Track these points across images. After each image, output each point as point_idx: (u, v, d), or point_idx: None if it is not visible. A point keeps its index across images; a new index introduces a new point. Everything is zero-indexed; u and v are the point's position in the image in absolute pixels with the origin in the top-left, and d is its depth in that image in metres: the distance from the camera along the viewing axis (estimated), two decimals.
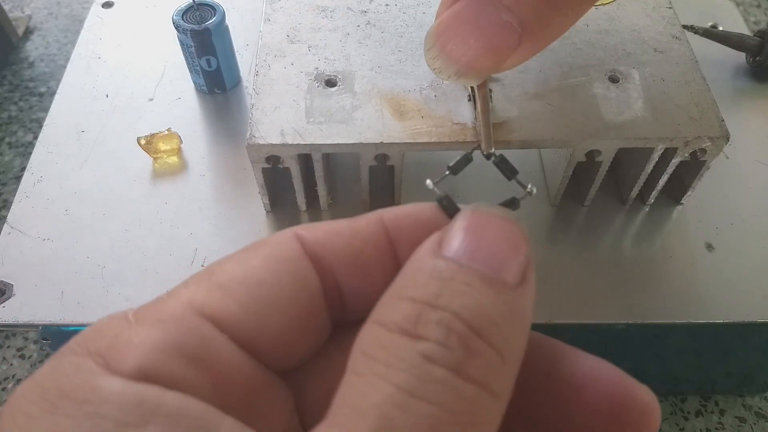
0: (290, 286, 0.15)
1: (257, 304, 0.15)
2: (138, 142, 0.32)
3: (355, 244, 0.16)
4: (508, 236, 0.14)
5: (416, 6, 0.30)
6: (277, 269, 0.15)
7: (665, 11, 0.30)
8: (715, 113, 0.26)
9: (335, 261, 0.16)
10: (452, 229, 0.14)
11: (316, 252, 0.16)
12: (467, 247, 0.14)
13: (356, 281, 0.16)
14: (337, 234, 0.16)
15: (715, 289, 0.28)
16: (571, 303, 0.27)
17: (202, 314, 0.14)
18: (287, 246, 0.16)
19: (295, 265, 0.15)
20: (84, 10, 0.55)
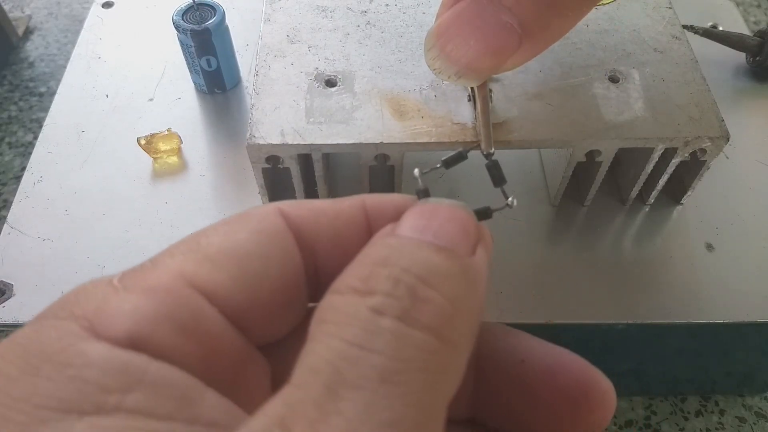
0: (276, 260, 0.15)
1: (246, 277, 0.15)
2: (138, 142, 0.32)
3: (337, 225, 0.16)
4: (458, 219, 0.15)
5: (416, 6, 0.30)
6: (264, 243, 0.15)
7: (665, 11, 0.30)
8: (715, 113, 0.26)
9: (317, 239, 0.16)
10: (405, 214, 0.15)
11: (299, 229, 0.16)
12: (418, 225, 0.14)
13: (334, 261, 0.16)
14: (321, 213, 0.16)
15: (715, 289, 0.28)
16: (571, 303, 0.27)
17: (193, 286, 0.14)
18: (272, 220, 0.16)
19: (280, 239, 0.16)
20: (84, 10, 0.55)
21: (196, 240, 0.15)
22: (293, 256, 0.16)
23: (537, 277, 0.28)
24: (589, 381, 0.16)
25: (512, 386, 0.16)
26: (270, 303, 0.15)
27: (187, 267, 0.14)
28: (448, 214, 0.15)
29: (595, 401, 0.16)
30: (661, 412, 0.35)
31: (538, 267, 0.29)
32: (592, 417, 0.16)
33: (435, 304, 0.12)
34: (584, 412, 0.16)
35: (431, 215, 0.14)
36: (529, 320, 0.27)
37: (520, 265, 0.28)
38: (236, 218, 0.16)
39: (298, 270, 0.16)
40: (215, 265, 0.15)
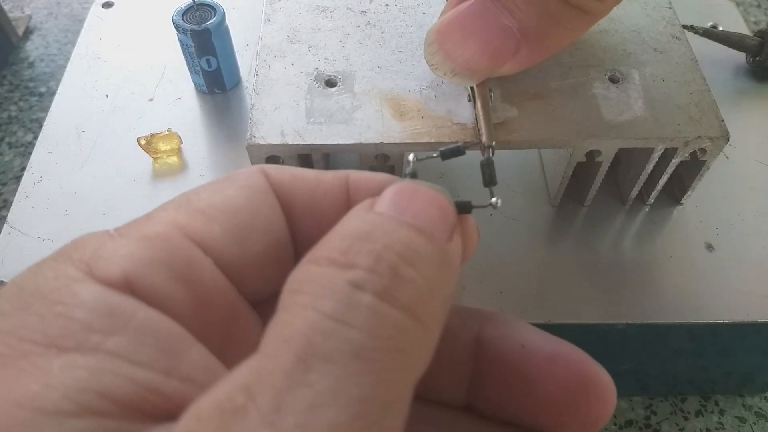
0: (263, 215, 0.16)
1: (236, 230, 0.15)
2: (138, 142, 0.32)
3: (316, 194, 0.16)
4: (437, 203, 0.14)
5: (416, 6, 0.30)
6: (250, 198, 0.16)
7: (665, 11, 0.30)
8: (715, 113, 0.26)
9: (294, 204, 0.16)
10: (385, 192, 0.15)
11: (279, 191, 0.16)
12: (398, 205, 0.14)
13: (310, 229, 0.16)
14: (301, 179, 0.17)
15: (715, 289, 0.28)
16: (571, 303, 0.27)
17: (187, 236, 0.14)
18: (257, 179, 0.16)
19: (265, 196, 0.16)
20: (84, 10, 0.55)
21: (186, 197, 0.15)
22: (278, 214, 0.16)
23: (537, 277, 0.28)
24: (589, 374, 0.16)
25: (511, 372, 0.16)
26: (259, 256, 0.15)
27: (180, 219, 0.15)
28: (428, 197, 0.14)
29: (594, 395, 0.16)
30: (661, 412, 0.35)
31: (538, 267, 0.29)
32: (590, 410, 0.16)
33: (414, 284, 0.12)
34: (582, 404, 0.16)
35: (411, 196, 0.14)
36: (529, 320, 0.26)
37: (520, 265, 0.28)
38: (222, 178, 0.16)
39: (283, 228, 0.16)
40: (207, 218, 0.15)
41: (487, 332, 0.17)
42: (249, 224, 0.15)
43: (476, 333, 0.17)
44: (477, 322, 0.17)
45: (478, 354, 0.17)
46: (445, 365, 0.17)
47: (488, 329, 0.17)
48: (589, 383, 0.16)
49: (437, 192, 0.15)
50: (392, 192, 0.14)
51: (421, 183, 0.15)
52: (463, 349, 0.17)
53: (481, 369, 0.17)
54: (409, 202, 0.14)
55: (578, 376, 0.16)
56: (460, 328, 0.17)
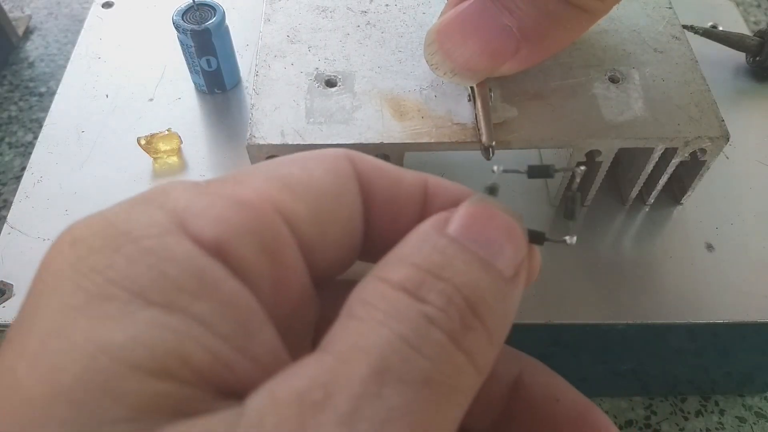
0: (347, 202, 0.16)
1: (322, 213, 0.15)
2: (138, 142, 0.32)
3: (396, 191, 0.16)
4: (511, 232, 0.14)
5: (416, 6, 0.30)
6: (339, 183, 0.15)
7: (665, 11, 0.30)
8: (715, 113, 0.26)
9: (375, 196, 0.16)
10: (460, 210, 0.15)
11: (363, 180, 0.16)
12: (471, 231, 0.14)
13: (385, 223, 0.16)
14: (384, 172, 0.16)
15: (715, 289, 0.28)
16: (571, 303, 0.27)
17: (278, 210, 0.14)
18: (343, 163, 0.16)
19: (351, 183, 0.16)
20: (84, 10, 0.55)
21: (275, 167, 0.15)
22: (358, 204, 0.16)
23: (537, 277, 0.28)
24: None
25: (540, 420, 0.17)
26: (337, 242, 0.15)
27: (272, 190, 0.14)
28: (503, 226, 0.14)
29: None
30: (661, 412, 0.35)
31: None
32: None
33: (478, 334, 0.13)
34: None
35: (486, 221, 0.14)
36: (529, 320, 0.27)
37: None
38: (309, 155, 0.16)
39: (360, 218, 0.16)
40: (295, 194, 0.15)
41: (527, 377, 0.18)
42: (332, 209, 0.15)
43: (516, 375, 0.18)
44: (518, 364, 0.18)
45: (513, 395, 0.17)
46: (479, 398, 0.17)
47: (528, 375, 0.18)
48: None
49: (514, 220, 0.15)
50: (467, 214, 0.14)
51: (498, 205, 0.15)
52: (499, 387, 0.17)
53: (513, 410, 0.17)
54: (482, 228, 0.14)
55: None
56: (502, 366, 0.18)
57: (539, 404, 0.17)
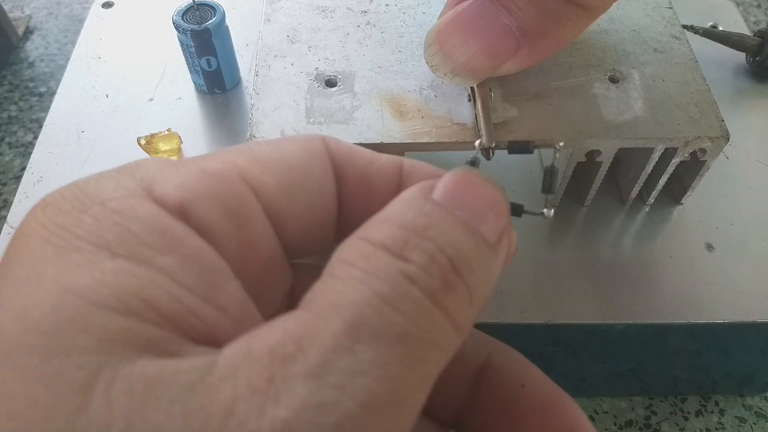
0: (316, 177, 0.16)
1: (289, 184, 0.16)
2: (138, 142, 0.32)
3: (370, 170, 0.17)
4: (494, 201, 0.15)
5: (416, 6, 0.30)
6: (307, 159, 0.16)
7: (665, 11, 0.30)
8: (715, 113, 0.26)
9: (348, 175, 0.17)
10: (445, 177, 0.15)
11: (336, 160, 0.17)
12: (455, 196, 0.14)
13: (359, 202, 0.17)
14: (357, 154, 0.17)
15: (715, 289, 0.28)
16: (571, 303, 0.27)
17: (244, 178, 0.15)
18: (316, 144, 0.17)
19: (321, 161, 0.17)
20: (84, 10, 0.55)
21: (248, 146, 0.16)
22: (330, 180, 0.17)
23: (537, 277, 0.28)
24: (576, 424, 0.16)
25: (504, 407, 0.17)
26: (305, 215, 0.16)
27: (240, 162, 0.15)
28: (486, 193, 0.15)
29: None
30: (661, 412, 0.35)
31: (538, 267, 0.29)
32: None
33: (458, 293, 0.13)
34: None
35: (470, 188, 0.15)
36: (529, 320, 0.27)
37: (520, 265, 0.28)
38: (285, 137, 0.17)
39: (332, 196, 0.17)
40: (264, 167, 0.16)
41: (494, 362, 0.18)
42: (301, 182, 0.16)
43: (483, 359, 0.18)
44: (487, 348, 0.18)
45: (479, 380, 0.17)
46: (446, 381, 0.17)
47: (496, 359, 0.18)
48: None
49: (495, 188, 0.15)
50: (452, 180, 0.15)
51: (481, 175, 0.15)
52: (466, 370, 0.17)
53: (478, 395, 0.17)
54: (466, 195, 0.15)
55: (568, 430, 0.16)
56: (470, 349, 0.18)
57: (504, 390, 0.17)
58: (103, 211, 0.13)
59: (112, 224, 0.13)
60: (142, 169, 0.14)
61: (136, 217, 0.13)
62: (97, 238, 0.13)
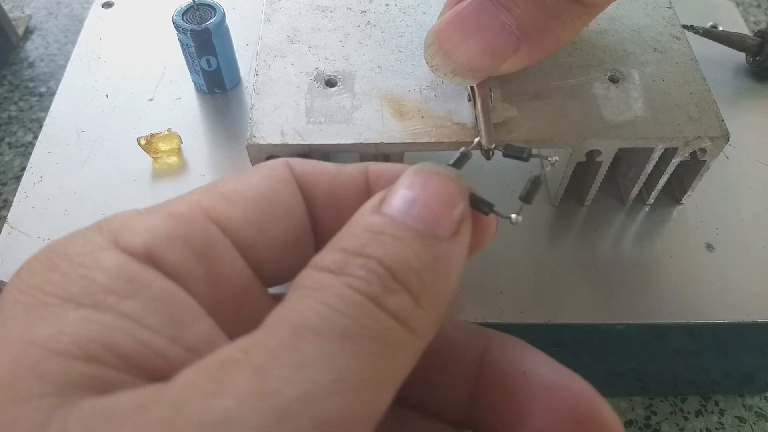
0: (284, 202, 0.17)
1: (257, 214, 0.16)
2: (138, 142, 0.32)
3: (336, 183, 0.17)
4: (445, 193, 0.15)
5: (416, 6, 0.30)
6: (272, 186, 0.17)
7: (665, 11, 0.30)
8: (715, 113, 0.26)
9: (316, 194, 0.17)
10: (394, 186, 0.15)
11: (301, 181, 0.17)
12: (403, 203, 0.15)
13: (331, 217, 0.17)
14: (322, 171, 0.18)
15: (715, 289, 0.28)
16: (571, 303, 0.27)
17: (209, 216, 0.15)
18: (280, 169, 0.17)
19: (287, 185, 0.17)
20: (84, 10, 0.55)
21: (213, 183, 0.17)
22: (298, 203, 0.17)
23: (537, 277, 0.28)
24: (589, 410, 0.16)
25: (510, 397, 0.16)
26: (279, 241, 0.17)
27: (204, 201, 0.16)
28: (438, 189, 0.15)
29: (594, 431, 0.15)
30: (661, 412, 0.35)
31: (538, 267, 0.29)
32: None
33: (399, 296, 0.13)
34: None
35: (421, 188, 0.15)
36: (529, 320, 0.27)
37: (520, 265, 0.28)
38: (249, 169, 0.17)
39: (303, 216, 0.17)
40: (229, 202, 0.16)
41: (492, 353, 0.17)
42: (269, 210, 0.16)
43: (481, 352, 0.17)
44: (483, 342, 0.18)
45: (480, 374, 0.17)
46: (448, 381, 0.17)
47: (493, 351, 0.17)
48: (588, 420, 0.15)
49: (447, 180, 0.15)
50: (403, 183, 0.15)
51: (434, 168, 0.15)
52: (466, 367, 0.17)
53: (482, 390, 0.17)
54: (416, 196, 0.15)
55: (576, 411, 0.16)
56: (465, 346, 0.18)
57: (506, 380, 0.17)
58: (71, 266, 0.14)
59: (78, 277, 0.13)
60: (110, 222, 0.15)
61: (101, 267, 0.14)
62: (64, 292, 0.13)
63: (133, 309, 0.13)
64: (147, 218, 0.15)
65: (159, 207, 0.16)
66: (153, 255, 0.14)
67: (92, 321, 0.13)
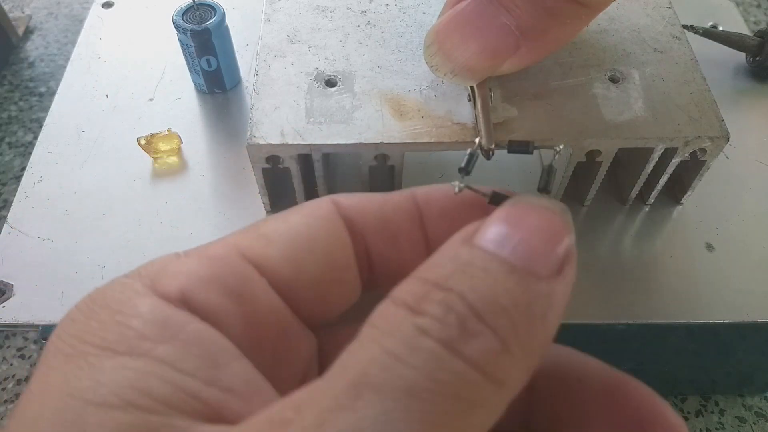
0: (325, 240, 0.17)
1: (294, 253, 0.16)
2: (138, 142, 0.32)
3: (386, 211, 0.17)
4: (547, 227, 0.13)
5: (416, 6, 0.30)
6: (313, 225, 0.17)
7: (665, 11, 0.30)
8: (715, 113, 0.26)
9: (366, 225, 0.17)
10: (490, 218, 0.14)
11: (349, 215, 0.17)
12: (498, 236, 0.13)
13: (384, 246, 0.17)
14: (369, 201, 0.17)
15: (715, 289, 0.28)
16: (571, 303, 0.27)
17: (245, 257, 0.16)
18: (324, 207, 0.17)
19: (329, 223, 0.17)
20: (84, 10, 0.55)
21: (255, 224, 0.17)
22: (342, 239, 0.17)
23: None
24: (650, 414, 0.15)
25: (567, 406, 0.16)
26: (318, 280, 0.16)
27: (242, 242, 0.16)
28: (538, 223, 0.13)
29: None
30: None
31: None
32: None
33: (483, 339, 0.12)
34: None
35: (518, 221, 0.13)
36: None
37: None
38: (293, 207, 0.17)
39: (347, 252, 0.17)
40: (268, 241, 0.16)
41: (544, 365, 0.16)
42: (306, 248, 0.16)
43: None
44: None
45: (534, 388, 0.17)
46: None
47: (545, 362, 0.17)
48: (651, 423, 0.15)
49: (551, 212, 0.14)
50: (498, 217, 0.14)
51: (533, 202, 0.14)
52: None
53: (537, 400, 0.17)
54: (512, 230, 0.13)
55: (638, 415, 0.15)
56: None
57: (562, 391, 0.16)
58: (109, 313, 0.14)
59: (115, 324, 0.14)
60: (149, 267, 0.15)
61: (137, 314, 0.14)
62: (101, 340, 0.13)
63: (167, 353, 0.13)
64: (184, 262, 0.15)
65: (197, 250, 0.16)
66: (187, 298, 0.14)
67: (128, 368, 0.13)
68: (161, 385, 0.13)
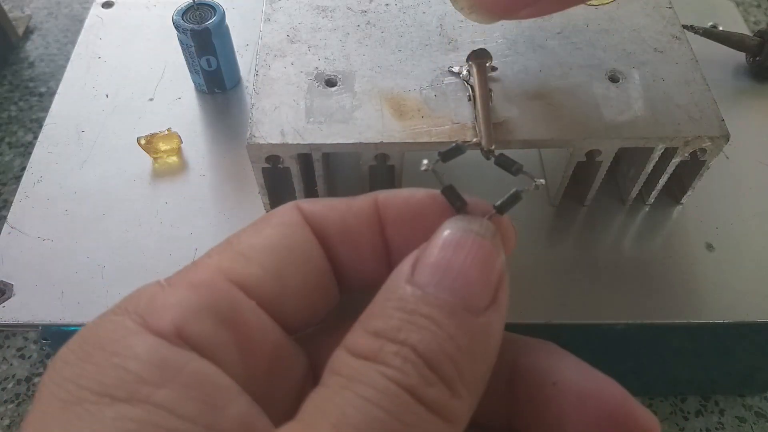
0: (300, 249, 0.17)
1: (275, 266, 0.16)
2: (138, 142, 0.32)
3: (347, 218, 0.17)
4: (481, 256, 0.15)
5: (416, 6, 0.30)
6: (287, 234, 0.16)
7: (665, 11, 0.30)
8: (715, 113, 0.26)
9: (330, 231, 0.17)
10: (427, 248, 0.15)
11: (313, 222, 0.17)
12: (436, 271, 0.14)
13: (347, 252, 0.17)
14: (332, 208, 0.17)
15: (715, 289, 0.28)
16: (571, 303, 0.27)
17: (230, 280, 0.15)
18: (291, 215, 0.17)
19: (300, 229, 0.17)
20: (84, 10, 0.55)
21: (228, 241, 0.17)
22: (313, 245, 0.17)
23: (537, 277, 0.28)
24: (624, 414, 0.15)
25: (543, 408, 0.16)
26: (300, 289, 0.16)
27: (223, 263, 0.16)
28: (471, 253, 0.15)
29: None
30: (661, 412, 0.35)
31: (538, 267, 0.29)
32: None
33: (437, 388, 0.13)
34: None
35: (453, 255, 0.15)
36: (529, 320, 0.27)
37: (520, 265, 0.28)
38: (260, 218, 0.17)
39: (320, 257, 0.17)
40: (247, 259, 0.16)
41: (522, 364, 0.17)
42: (286, 259, 0.16)
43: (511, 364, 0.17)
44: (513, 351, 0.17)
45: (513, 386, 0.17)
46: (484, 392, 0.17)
47: (523, 361, 0.17)
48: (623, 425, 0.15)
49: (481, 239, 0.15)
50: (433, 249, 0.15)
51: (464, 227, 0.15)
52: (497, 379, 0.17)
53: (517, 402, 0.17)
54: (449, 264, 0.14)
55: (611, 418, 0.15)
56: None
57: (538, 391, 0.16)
58: (104, 355, 0.14)
59: (112, 367, 0.13)
60: (135, 300, 0.15)
61: (134, 356, 0.13)
62: (99, 385, 0.13)
63: (166, 398, 0.13)
64: (170, 293, 0.15)
65: (180, 277, 0.15)
66: (183, 333, 0.14)
67: (127, 418, 0.13)
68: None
